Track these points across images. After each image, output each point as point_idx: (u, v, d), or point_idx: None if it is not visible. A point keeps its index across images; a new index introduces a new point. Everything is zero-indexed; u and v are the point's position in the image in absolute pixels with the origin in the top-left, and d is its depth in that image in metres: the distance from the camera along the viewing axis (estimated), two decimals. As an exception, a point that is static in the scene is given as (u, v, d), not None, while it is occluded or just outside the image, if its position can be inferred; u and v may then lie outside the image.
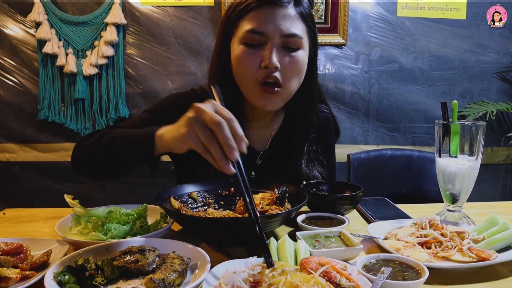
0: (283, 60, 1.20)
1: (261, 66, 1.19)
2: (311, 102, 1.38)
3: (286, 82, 1.22)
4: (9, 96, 2.97)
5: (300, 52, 1.23)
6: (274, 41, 1.18)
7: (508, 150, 3.18)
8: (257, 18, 1.18)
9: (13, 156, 3.04)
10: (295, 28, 1.20)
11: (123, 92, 2.96)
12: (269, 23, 1.17)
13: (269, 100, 1.23)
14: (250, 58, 1.20)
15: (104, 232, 1.03)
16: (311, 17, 1.28)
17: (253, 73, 1.20)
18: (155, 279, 0.74)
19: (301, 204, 1.03)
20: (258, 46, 1.20)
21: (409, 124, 3.13)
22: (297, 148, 1.41)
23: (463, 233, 0.98)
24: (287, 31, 1.19)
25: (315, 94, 1.39)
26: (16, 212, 1.35)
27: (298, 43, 1.22)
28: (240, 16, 1.22)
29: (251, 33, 1.19)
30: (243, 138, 0.83)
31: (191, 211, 1.14)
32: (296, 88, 1.28)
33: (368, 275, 0.77)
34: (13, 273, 0.78)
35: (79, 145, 1.19)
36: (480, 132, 1.14)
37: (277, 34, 1.18)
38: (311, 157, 1.43)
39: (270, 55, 1.17)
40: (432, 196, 2.01)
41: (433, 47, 3.06)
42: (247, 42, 1.20)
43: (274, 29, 1.18)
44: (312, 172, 1.41)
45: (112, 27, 2.87)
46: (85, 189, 3.06)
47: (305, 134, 1.40)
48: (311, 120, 1.40)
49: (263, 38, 1.19)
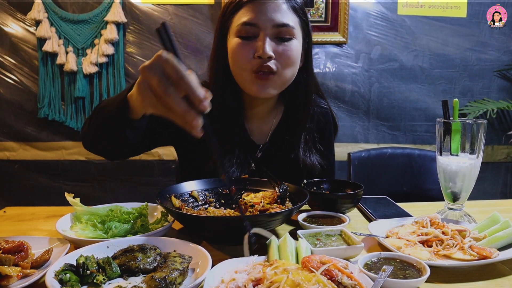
0: (276, 49, 1.24)
1: (255, 56, 1.23)
2: (307, 92, 1.41)
3: (280, 69, 1.25)
4: (9, 95, 2.97)
5: (293, 41, 1.27)
6: (266, 32, 1.23)
7: (509, 148, 3.18)
8: (250, 11, 1.23)
9: (13, 154, 3.04)
10: (287, 19, 1.24)
11: (123, 91, 2.96)
12: (261, 15, 1.22)
13: (263, 86, 1.26)
14: (244, 49, 1.24)
15: (105, 230, 1.03)
16: (303, 9, 1.32)
17: (247, 63, 1.24)
18: (157, 278, 0.74)
19: (302, 203, 1.02)
20: (251, 38, 1.24)
21: (410, 123, 3.13)
22: (294, 137, 1.43)
23: (464, 231, 0.98)
24: (278, 21, 1.23)
25: (311, 84, 1.42)
26: (17, 210, 1.35)
27: (291, 33, 1.25)
28: (235, 11, 1.27)
29: (244, 26, 1.23)
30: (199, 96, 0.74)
31: (192, 210, 1.14)
32: (291, 76, 1.31)
33: (370, 274, 0.77)
34: (14, 271, 0.77)
35: (84, 124, 1.21)
36: (481, 130, 1.14)
37: (269, 24, 1.22)
38: (308, 146, 1.45)
39: (263, 45, 1.21)
40: (433, 195, 2.01)
41: (433, 45, 3.06)
42: (241, 34, 1.25)
43: (265, 20, 1.22)
44: (309, 160, 1.43)
45: (112, 25, 2.87)
46: (86, 187, 3.07)
47: (302, 123, 1.43)
48: (308, 110, 1.43)
49: (255, 29, 1.23)
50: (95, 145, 1.21)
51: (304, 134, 1.44)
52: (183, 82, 0.74)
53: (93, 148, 1.23)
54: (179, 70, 0.74)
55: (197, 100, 0.75)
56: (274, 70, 1.24)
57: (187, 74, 0.75)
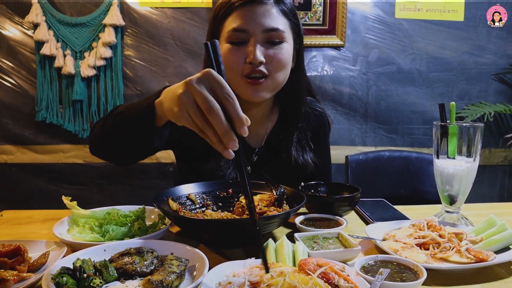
0: (267, 53, 1.25)
1: (246, 61, 1.24)
2: (299, 92, 1.42)
3: (272, 73, 1.26)
4: (7, 98, 2.96)
5: (284, 44, 1.28)
6: (256, 37, 1.24)
7: (506, 151, 3.19)
8: (239, 17, 1.24)
9: (11, 157, 3.03)
10: (276, 23, 1.25)
11: (121, 94, 2.96)
12: (250, 21, 1.23)
13: (255, 91, 1.27)
14: (235, 55, 1.25)
15: (102, 233, 1.03)
16: (293, 12, 1.32)
17: (239, 68, 1.25)
18: (154, 281, 0.74)
19: (299, 206, 1.03)
20: (242, 43, 1.25)
21: (407, 126, 3.14)
22: (288, 137, 1.45)
23: (461, 234, 0.99)
24: (268, 26, 1.24)
25: (302, 84, 1.43)
26: (14, 214, 1.34)
27: (281, 37, 1.26)
28: (225, 16, 1.28)
29: (234, 32, 1.24)
30: (242, 120, 0.73)
31: (189, 213, 1.14)
32: (283, 79, 1.32)
33: (366, 276, 0.77)
34: (10, 275, 0.77)
35: (93, 130, 1.21)
36: (478, 133, 1.14)
37: (259, 30, 1.23)
38: (301, 144, 1.46)
39: (254, 51, 1.22)
40: (430, 198, 2.01)
41: (431, 48, 3.07)
42: (231, 40, 1.26)
43: (255, 25, 1.23)
44: (301, 158, 1.44)
45: (110, 28, 2.87)
46: (83, 190, 3.06)
47: (295, 122, 1.44)
48: (299, 109, 1.44)
49: (246, 35, 1.24)
50: (107, 150, 1.21)
51: (297, 133, 1.45)
52: (229, 103, 0.73)
53: (103, 153, 1.22)
54: (228, 90, 0.73)
55: (239, 123, 0.73)
56: (266, 74, 1.25)
57: (234, 96, 0.74)
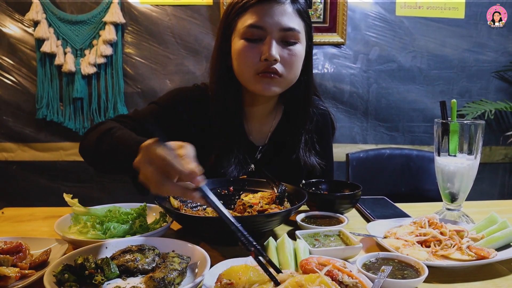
0: (282, 53, 1.25)
1: (261, 59, 1.23)
2: (307, 94, 1.42)
3: (284, 73, 1.26)
4: (7, 95, 2.96)
5: (298, 45, 1.27)
6: (273, 35, 1.23)
7: (507, 149, 3.19)
8: (256, 14, 1.23)
9: (11, 155, 3.03)
10: (293, 23, 1.25)
11: (122, 91, 2.96)
12: (268, 18, 1.22)
13: (268, 84, 1.27)
14: (250, 51, 1.24)
15: (104, 231, 1.03)
16: (307, 13, 1.32)
17: (253, 65, 1.24)
18: (155, 278, 0.74)
19: (300, 203, 1.03)
20: (257, 40, 1.24)
21: (408, 123, 3.14)
22: (294, 138, 1.44)
23: (462, 232, 0.99)
24: (285, 25, 1.23)
25: (311, 86, 1.43)
26: (15, 211, 1.35)
27: (296, 37, 1.26)
28: (240, 13, 1.26)
29: (251, 28, 1.23)
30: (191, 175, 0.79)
31: (191, 210, 1.14)
32: (294, 79, 1.32)
33: (368, 274, 0.77)
34: (12, 272, 0.77)
35: (86, 135, 1.21)
36: (479, 131, 1.14)
37: (276, 28, 1.23)
38: (308, 147, 1.46)
39: (270, 48, 1.21)
40: (431, 195, 2.02)
41: (431, 46, 3.07)
42: (247, 36, 1.25)
43: (272, 24, 1.22)
44: (309, 161, 1.44)
45: (111, 26, 2.86)
46: (84, 188, 3.06)
47: (302, 124, 1.44)
48: (308, 111, 1.44)
49: (262, 32, 1.23)
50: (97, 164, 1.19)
51: (304, 135, 1.45)
52: (171, 169, 0.77)
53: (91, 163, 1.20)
54: (165, 159, 0.77)
55: (189, 180, 0.79)
56: (279, 73, 1.25)
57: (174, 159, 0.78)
